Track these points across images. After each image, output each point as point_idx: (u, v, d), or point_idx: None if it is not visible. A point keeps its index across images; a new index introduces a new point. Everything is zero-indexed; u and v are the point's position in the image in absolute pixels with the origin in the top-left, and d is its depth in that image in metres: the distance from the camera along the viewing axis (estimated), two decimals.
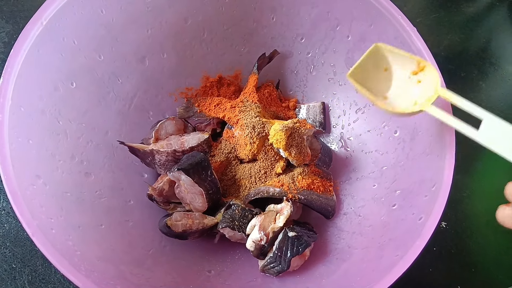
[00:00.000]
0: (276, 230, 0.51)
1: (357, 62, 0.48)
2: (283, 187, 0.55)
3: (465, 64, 0.82)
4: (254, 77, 0.63)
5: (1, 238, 0.57)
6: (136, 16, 0.56)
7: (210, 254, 0.55)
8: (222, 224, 0.53)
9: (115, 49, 0.56)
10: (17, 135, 0.43)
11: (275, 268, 0.51)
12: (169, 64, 0.62)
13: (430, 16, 0.86)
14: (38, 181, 0.44)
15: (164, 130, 0.58)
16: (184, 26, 0.61)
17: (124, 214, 0.53)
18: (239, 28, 0.64)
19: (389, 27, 0.54)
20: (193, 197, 0.54)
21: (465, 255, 0.64)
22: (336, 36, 0.61)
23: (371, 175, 0.58)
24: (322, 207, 0.55)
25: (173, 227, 0.52)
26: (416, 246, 0.42)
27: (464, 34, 0.86)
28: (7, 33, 0.71)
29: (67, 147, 0.50)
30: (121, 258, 0.47)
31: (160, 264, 0.50)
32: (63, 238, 0.42)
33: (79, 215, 0.47)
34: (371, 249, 0.49)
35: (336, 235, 0.55)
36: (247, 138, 0.56)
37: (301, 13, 0.61)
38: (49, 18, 0.47)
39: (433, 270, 0.62)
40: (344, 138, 0.65)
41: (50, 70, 0.49)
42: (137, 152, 0.56)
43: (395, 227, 0.49)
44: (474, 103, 0.41)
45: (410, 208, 0.48)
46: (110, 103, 0.57)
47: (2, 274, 0.54)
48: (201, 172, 0.53)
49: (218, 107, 0.61)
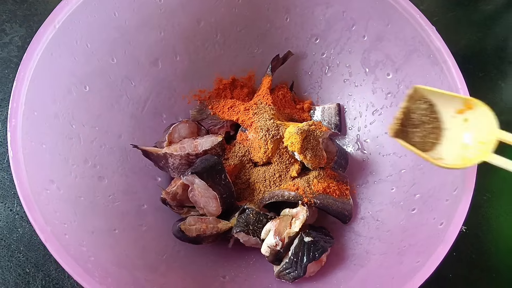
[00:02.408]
0: (292, 235, 0.50)
1: (397, 113, 0.43)
2: (298, 190, 0.53)
3: (484, 64, 0.79)
4: (268, 78, 0.62)
5: (15, 243, 0.56)
6: (149, 19, 0.56)
7: (224, 259, 0.54)
8: (237, 229, 0.52)
9: (128, 52, 0.56)
10: (30, 140, 0.43)
11: (291, 274, 0.50)
12: (182, 66, 0.62)
13: (447, 14, 0.84)
14: (51, 186, 0.43)
15: (178, 133, 0.58)
16: (197, 28, 0.60)
17: (137, 219, 0.53)
18: (252, 29, 0.63)
19: (406, 27, 0.53)
20: (207, 201, 0.53)
21: (486, 260, 0.62)
22: (352, 36, 0.60)
23: (389, 179, 0.57)
24: (339, 212, 0.54)
25: (187, 232, 0.51)
26: (439, 253, 0.41)
27: (482, 32, 0.83)
28: (21, 37, 0.71)
29: (81, 151, 0.50)
30: (135, 263, 0.47)
31: (174, 269, 0.50)
32: (77, 244, 0.41)
33: (93, 219, 0.47)
34: (390, 255, 0.48)
35: (353, 240, 0.54)
36: (261, 141, 0.55)
37: (316, 13, 0.60)
38: (62, 21, 0.47)
39: (453, 276, 0.60)
40: (360, 140, 0.63)
41: (63, 73, 0.49)
42: (151, 155, 0.55)
43: (415, 232, 0.47)
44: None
45: (431, 212, 0.47)
46: (123, 107, 0.57)
47: (16, 279, 0.54)
48: (215, 175, 0.52)
49: (231, 109, 0.60)
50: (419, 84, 0.53)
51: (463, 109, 0.41)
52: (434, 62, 0.51)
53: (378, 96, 0.60)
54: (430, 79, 0.52)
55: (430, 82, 0.52)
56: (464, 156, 0.40)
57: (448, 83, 0.50)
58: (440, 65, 0.51)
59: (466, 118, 0.41)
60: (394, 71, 0.57)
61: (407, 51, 0.55)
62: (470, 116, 0.41)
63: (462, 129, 0.41)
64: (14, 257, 0.55)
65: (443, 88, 0.50)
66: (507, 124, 0.73)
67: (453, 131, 0.42)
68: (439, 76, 0.51)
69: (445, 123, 0.42)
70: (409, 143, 0.42)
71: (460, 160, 0.40)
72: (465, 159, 0.39)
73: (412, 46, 0.53)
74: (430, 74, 0.52)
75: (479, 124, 0.40)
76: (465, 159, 0.39)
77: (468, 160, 0.39)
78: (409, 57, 0.55)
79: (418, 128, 0.43)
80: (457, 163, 0.40)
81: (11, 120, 0.42)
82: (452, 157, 0.41)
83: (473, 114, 0.40)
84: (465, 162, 0.40)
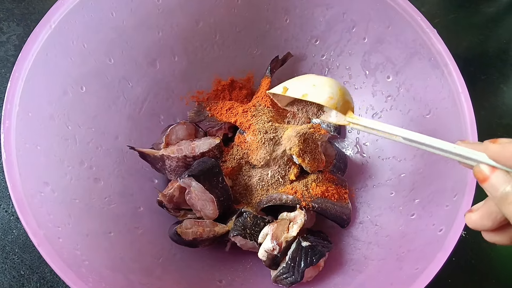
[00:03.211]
0: (289, 240, 0.50)
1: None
2: (296, 194, 0.53)
3: (486, 66, 0.79)
4: (267, 80, 0.61)
5: (10, 244, 0.56)
6: (146, 19, 0.55)
7: (221, 263, 0.54)
8: (234, 232, 0.51)
9: (125, 52, 0.55)
10: (24, 141, 0.42)
11: (288, 279, 0.49)
12: (180, 67, 0.61)
13: (448, 16, 0.84)
14: (46, 188, 0.43)
15: (175, 135, 0.57)
16: (196, 29, 0.59)
17: (133, 221, 0.52)
18: (252, 30, 0.62)
19: (407, 29, 0.52)
20: (204, 204, 0.52)
21: (485, 266, 0.61)
22: (352, 38, 0.59)
23: (388, 183, 0.56)
24: (337, 216, 0.54)
25: (183, 235, 0.50)
26: (438, 260, 0.40)
27: (484, 35, 0.83)
28: (18, 36, 0.70)
29: (76, 152, 0.49)
30: (130, 266, 0.46)
31: (170, 273, 0.49)
32: (71, 247, 0.41)
33: (88, 222, 0.46)
34: (389, 261, 0.47)
35: (351, 245, 0.54)
36: (260, 143, 0.55)
37: (316, 14, 0.59)
38: (58, 21, 0.46)
39: (452, 281, 0.60)
40: (360, 143, 0.63)
41: (59, 74, 0.48)
42: (147, 157, 0.55)
43: (414, 238, 0.47)
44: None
45: (430, 218, 0.46)
46: (120, 107, 0.56)
47: (10, 281, 0.54)
48: (212, 178, 0.51)
49: (229, 111, 0.60)
50: (419, 88, 0.52)
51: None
52: (435, 65, 0.51)
53: (378, 99, 0.60)
54: (430, 82, 0.51)
55: (431, 85, 0.51)
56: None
57: (448, 86, 0.49)
58: (441, 68, 0.50)
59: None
60: (395, 74, 0.57)
61: (407, 53, 0.54)
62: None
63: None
64: (8, 259, 0.55)
65: (443, 91, 0.50)
66: (508, 127, 0.72)
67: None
68: (440, 80, 0.50)
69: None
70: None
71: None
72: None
73: (413, 49, 0.53)
74: (430, 77, 0.51)
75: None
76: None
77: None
78: (409, 60, 0.54)
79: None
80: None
81: (5, 121, 0.41)
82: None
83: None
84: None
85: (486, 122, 0.72)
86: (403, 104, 0.56)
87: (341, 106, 0.44)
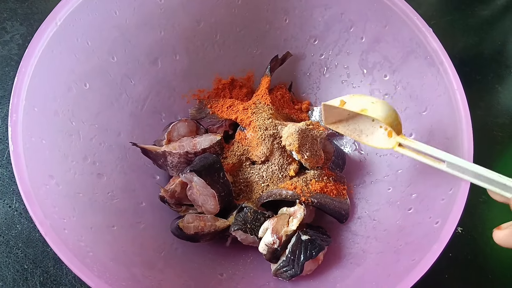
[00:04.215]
0: (289, 233, 0.50)
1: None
2: (296, 190, 0.54)
3: (481, 67, 0.80)
4: (267, 79, 0.63)
5: (13, 239, 0.57)
6: (149, 18, 0.56)
7: (222, 257, 0.55)
8: (235, 227, 0.52)
9: (128, 50, 0.56)
10: (30, 135, 0.43)
11: (288, 272, 0.50)
12: (182, 66, 0.62)
13: (445, 18, 0.85)
14: (51, 181, 0.44)
15: (177, 131, 0.58)
16: (197, 28, 0.61)
17: (136, 216, 0.53)
18: (252, 30, 0.63)
19: (404, 28, 0.54)
20: (205, 199, 0.53)
21: (481, 261, 0.62)
22: (350, 37, 0.60)
23: (386, 179, 0.57)
24: (336, 211, 0.55)
25: (185, 229, 0.51)
26: (434, 250, 0.41)
27: (479, 36, 0.84)
28: (21, 35, 0.71)
29: (80, 148, 0.50)
30: (132, 260, 0.47)
31: (171, 266, 0.50)
32: (75, 239, 0.41)
33: (91, 216, 0.47)
34: (387, 254, 0.48)
35: (350, 240, 0.54)
36: (260, 139, 0.56)
37: (314, 14, 0.61)
38: (63, 18, 0.47)
39: (449, 276, 0.61)
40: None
41: (64, 71, 0.49)
42: (150, 153, 0.55)
43: (411, 231, 0.48)
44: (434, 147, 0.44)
45: (427, 211, 0.47)
46: (122, 105, 0.57)
47: (14, 274, 0.54)
48: (214, 174, 0.52)
49: (230, 108, 0.61)
50: (415, 86, 0.54)
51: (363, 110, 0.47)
52: (431, 64, 0.52)
53: (376, 97, 0.61)
54: (427, 80, 0.53)
55: (427, 83, 0.53)
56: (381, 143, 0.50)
57: (444, 84, 0.50)
58: (436, 66, 0.51)
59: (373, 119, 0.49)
60: (392, 72, 0.58)
61: (404, 52, 0.55)
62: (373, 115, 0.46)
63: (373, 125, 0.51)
64: (12, 253, 0.56)
65: (439, 89, 0.51)
66: (503, 126, 0.74)
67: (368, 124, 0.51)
68: (436, 77, 0.51)
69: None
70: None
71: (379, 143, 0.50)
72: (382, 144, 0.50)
73: (409, 48, 0.54)
74: (426, 76, 0.53)
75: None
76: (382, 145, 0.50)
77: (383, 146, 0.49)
78: (406, 58, 0.55)
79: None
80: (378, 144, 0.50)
81: (12, 115, 0.42)
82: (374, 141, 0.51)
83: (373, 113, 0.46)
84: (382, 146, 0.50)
85: (482, 121, 0.74)
86: (400, 102, 0.57)
87: (396, 126, 0.47)
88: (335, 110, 0.52)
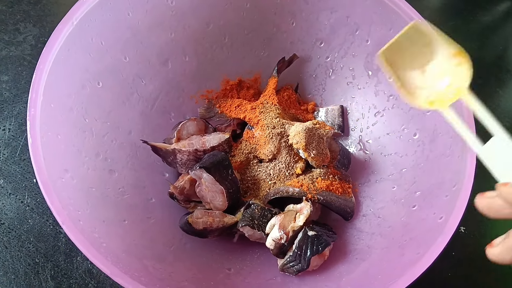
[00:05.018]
0: (296, 229, 0.52)
1: (391, 40, 0.45)
2: (302, 187, 0.55)
3: (482, 72, 0.82)
4: (274, 80, 0.64)
5: (25, 234, 0.58)
6: (160, 20, 0.58)
7: (230, 253, 0.56)
8: (242, 223, 0.53)
9: (139, 51, 0.58)
10: (47, 130, 0.45)
11: (295, 267, 0.51)
12: (191, 67, 0.64)
13: (447, 24, 0.87)
14: (66, 175, 0.45)
15: (186, 130, 0.60)
16: (206, 30, 0.62)
17: (146, 211, 0.54)
18: (259, 33, 0.65)
19: None
20: (213, 196, 0.54)
21: (484, 260, 0.62)
22: (355, 40, 0.62)
23: (391, 177, 0.58)
24: (341, 208, 0.56)
25: (194, 225, 0.52)
26: (439, 243, 0.42)
27: (481, 42, 0.86)
28: (34, 36, 0.73)
29: (93, 144, 0.51)
30: (143, 252, 0.48)
31: (181, 260, 0.51)
32: (90, 230, 0.43)
33: (104, 210, 0.48)
34: (392, 249, 0.49)
35: (355, 236, 0.56)
36: (268, 138, 0.57)
37: (321, 18, 0.62)
38: (79, 18, 0.49)
39: (452, 275, 0.62)
40: (362, 141, 0.65)
41: (79, 69, 0.51)
42: (159, 151, 0.57)
43: (416, 227, 0.49)
44: (492, 117, 0.41)
45: (431, 208, 0.48)
46: (133, 104, 0.58)
47: (26, 268, 0.55)
48: (222, 170, 0.54)
49: (238, 108, 0.62)
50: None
51: (457, 53, 0.43)
52: None
53: (380, 98, 0.62)
54: None
55: None
56: (430, 97, 0.43)
57: None
58: None
59: (460, 63, 0.44)
60: None
61: None
62: (456, 70, 0.43)
63: (447, 71, 0.44)
64: (24, 247, 0.57)
65: None
66: (505, 129, 0.75)
67: (439, 69, 0.44)
68: None
69: (439, 60, 0.45)
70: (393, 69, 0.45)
71: (427, 99, 0.43)
72: (431, 101, 0.43)
73: None
74: None
75: (456, 81, 0.43)
76: (431, 101, 0.43)
77: (432, 102, 0.43)
78: None
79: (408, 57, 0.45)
80: (426, 101, 0.43)
81: (31, 109, 0.43)
82: (425, 92, 0.44)
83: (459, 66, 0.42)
84: (421, 106, 0.43)
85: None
86: (404, 103, 0.58)
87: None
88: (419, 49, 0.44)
